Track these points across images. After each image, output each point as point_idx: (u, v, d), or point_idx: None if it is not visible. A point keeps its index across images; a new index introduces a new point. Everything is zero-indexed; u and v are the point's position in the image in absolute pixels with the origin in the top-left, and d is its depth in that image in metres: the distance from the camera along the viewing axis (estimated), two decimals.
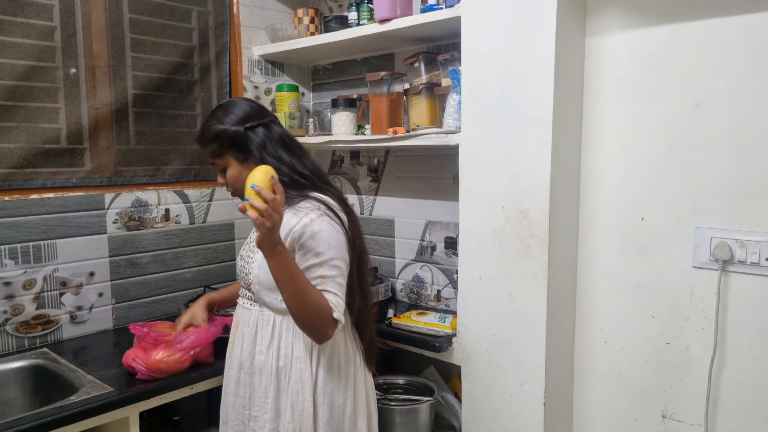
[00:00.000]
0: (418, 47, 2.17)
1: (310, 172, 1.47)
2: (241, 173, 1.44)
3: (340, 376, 1.46)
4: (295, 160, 1.45)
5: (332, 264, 1.37)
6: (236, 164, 1.46)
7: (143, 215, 2.11)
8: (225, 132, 1.43)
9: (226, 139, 1.44)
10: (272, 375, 1.43)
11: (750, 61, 1.44)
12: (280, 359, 1.43)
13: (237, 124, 1.44)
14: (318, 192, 1.45)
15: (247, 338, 1.47)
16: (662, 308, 1.62)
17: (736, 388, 1.52)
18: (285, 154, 1.45)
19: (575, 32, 1.66)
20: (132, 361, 1.60)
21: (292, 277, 1.30)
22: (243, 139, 1.43)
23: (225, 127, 1.44)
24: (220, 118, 1.46)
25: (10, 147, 1.81)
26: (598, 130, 1.70)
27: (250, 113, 1.46)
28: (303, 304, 1.32)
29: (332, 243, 1.37)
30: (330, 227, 1.37)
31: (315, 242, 1.35)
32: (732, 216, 1.49)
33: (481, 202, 1.75)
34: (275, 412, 1.43)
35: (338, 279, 1.38)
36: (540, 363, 1.66)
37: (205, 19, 2.25)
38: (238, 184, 1.47)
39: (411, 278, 2.31)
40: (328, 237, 1.37)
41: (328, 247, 1.36)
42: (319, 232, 1.36)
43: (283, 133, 1.48)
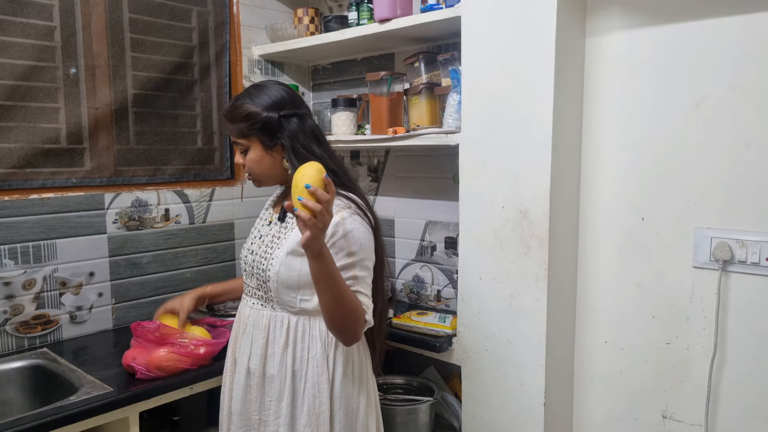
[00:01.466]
0: (418, 47, 2.17)
1: (339, 169, 1.44)
2: (264, 159, 1.42)
3: (354, 379, 1.44)
4: (326, 156, 1.42)
5: (364, 264, 1.35)
6: (260, 149, 1.41)
7: (143, 215, 2.10)
8: (257, 115, 1.39)
9: (257, 122, 1.39)
10: (287, 379, 1.39)
11: (750, 61, 1.44)
12: (296, 362, 1.39)
13: (271, 110, 1.39)
14: (345, 189, 1.42)
15: (258, 341, 1.42)
16: (662, 308, 1.62)
17: (736, 388, 1.52)
18: (317, 148, 1.41)
19: (575, 32, 1.66)
20: (132, 360, 1.60)
21: (333, 279, 1.26)
22: (274, 126, 1.39)
23: (257, 110, 1.39)
24: (253, 99, 1.41)
25: (10, 147, 1.81)
26: (598, 130, 1.70)
27: (286, 100, 1.41)
28: (341, 306, 1.28)
29: (364, 243, 1.35)
30: (361, 227, 1.35)
31: (347, 242, 1.32)
32: (732, 216, 1.49)
33: (481, 202, 1.75)
34: (290, 417, 1.39)
35: (368, 280, 1.37)
36: (540, 363, 1.66)
37: (205, 19, 2.25)
38: (256, 169, 1.44)
39: (411, 278, 2.31)
40: (360, 237, 1.34)
41: (360, 247, 1.34)
42: (351, 231, 1.33)
43: (315, 127, 1.45)
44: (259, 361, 1.42)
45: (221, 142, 2.33)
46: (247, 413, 1.45)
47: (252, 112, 1.39)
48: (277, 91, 1.42)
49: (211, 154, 2.32)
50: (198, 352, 1.66)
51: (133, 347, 1.67)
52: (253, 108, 1.39)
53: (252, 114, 1.39)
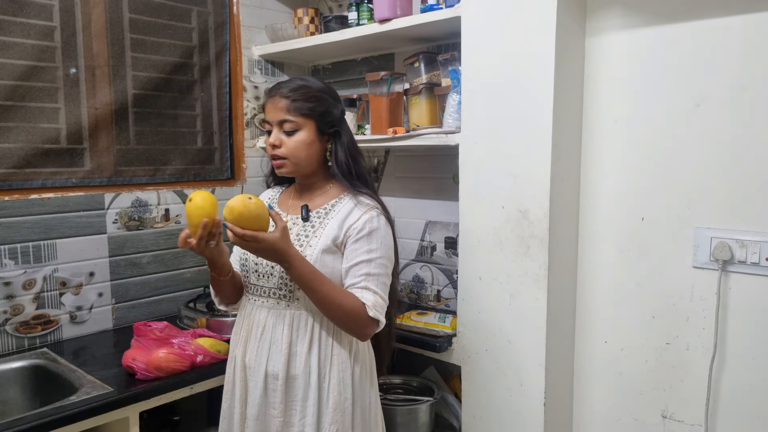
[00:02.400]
0: (418, 47, 2.17)
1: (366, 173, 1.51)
2: (313, 144, 1.41)
3: (368, 374, 1.48)
4: (361, 158, 1.49)
5: (380, 262, 1.39)
6: (314, 133, 1.41)
7: (143, 215, 2.10)
8: (325, 99, 1.42)
9: (322, 106, 1.41)
10: (311, 377, 1.38)
11: (750, 61, 1.44)
12: (321, 360, 1.39)
13: (337, 101, 1.46)
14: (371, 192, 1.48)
15: (278, 342, 1.40)
16: (662, 308, 1.62)
17: (736, 388, 1.52)
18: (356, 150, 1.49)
19: (575, 32, 1.66)
20: (131, 361, 1.60)
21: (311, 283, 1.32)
22: (336, 117, 1.44)
23: (324, 95, 1.42)
24: (318, 85, 1.43)
25: (10, 147, 1.81)
26: (598, 130, 1.70)
27: (339, 98, 1.49)
28: (329, 307, 1.34)
29: (385, 242, 1.40)
30: (386, 227, 1.41)
31: (370, 239, 1.38)
32: (732, 216, 1.49)
33: (481, 202, 1.75)
34: (316, 416, 1.38)
35: (383, 278, 1.39)
36: (540, 363, 1.66)
37: (205, 19, 2.25)
38: (302, 152, 1.40)
39: (411, 278, 2.31)
40: (383, 236, 1.40)
41: (380, 245, 1.39)
42: (377, 230, 1.39)
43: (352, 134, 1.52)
44: (281, 363, 1.39)
45: (221, 142, 2.33)
46: (265, 417, 1.42)
47: (319, 95, 1.41)
48: (331, 88, 1.49)
49: (211, 154, 2.32)
50: (196, 359, 1.67)
51: (133, 347, 1.67)
52: (320, 93, 1.42)
53: (319, 96, 1.41)
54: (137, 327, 1.78)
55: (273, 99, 1.41)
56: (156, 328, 1.76)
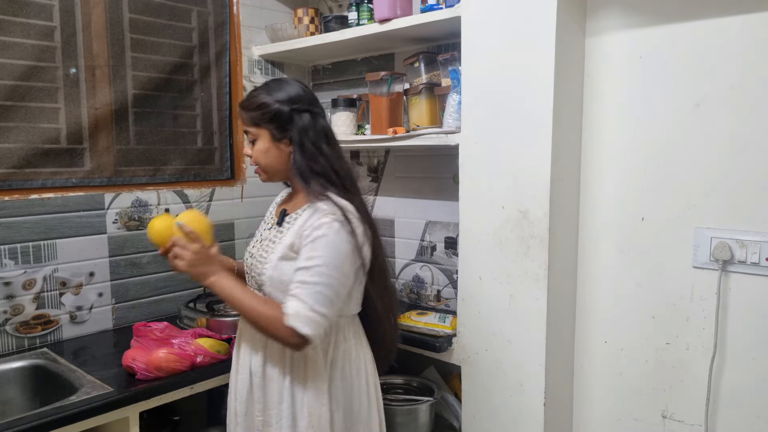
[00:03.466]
0: (418, 47, 2.17)
1: (345, 173, 1.45)
2: (270, 150, 1.44)
3: (353, 379, 1.46)
4: (333, 156, 1.44)
5: (319, 270, 1.31)
6: (268, 140, 1.44)
7: (143, 215, 2.10)
8: (270, 105, 1.42)
9: (269, 112, 1.42)
10: (285, 380, 1.40)
11: (750, 61, 1.44)
12: (294, 364, 1.40)
13: (284, 102, 1.42)
14: (344, 194, 1.42)
15: (257, 342, 1.44)
16: (662, 308, 1.62)
17: (736, 388, 1.52)
18: (326, 147, 1.43)
19: (575, 32, 1.66)
20: (131, 361, 1.60)
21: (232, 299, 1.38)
22: (285, 118, 1.42)
23: (271, 101, 1.42)
24: (270, 91, 1.44)
25: (10, 147, 1.81)
26: (598, 131, 1.70)
27: (301, 96, 1.44)
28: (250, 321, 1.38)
29: (330, 251, 1.33)
30: (336, 235, 1.33)
31: (314, 246, 1.33)
32: (732, 216, 1.49)
33: (481, 202, 1.75)
34: (291, 419, 1.39)
35: (319, 287, 1.31)
36: (540, 363, 1.66)
37: (205, 19, 2.25)
38: (262, 160, 1.46)
39: (411, 278, 2.31)
40: (329, 244, 1.33)
41: (323, 253, 1.32)
42: (322, 237, 1.33)
43: (327, 127, 1.47)
44: (259, 362, 1.43)
45: (221, 142, 2.34)
46: (251, 414, 1.45)
47: (265, 101, 1.43)
48: (294, 87, 1.46)
49: (211, 154, 2.32)
50: (196, 359, 1.67)
51: (133, 347, 1.67)
52: (268, 98, 1.43)
53: (265, 103, 1.42)
54: (137, 327, 1.78)
55: (239, 112, 1.50)
56: (156, 329, 1.76)
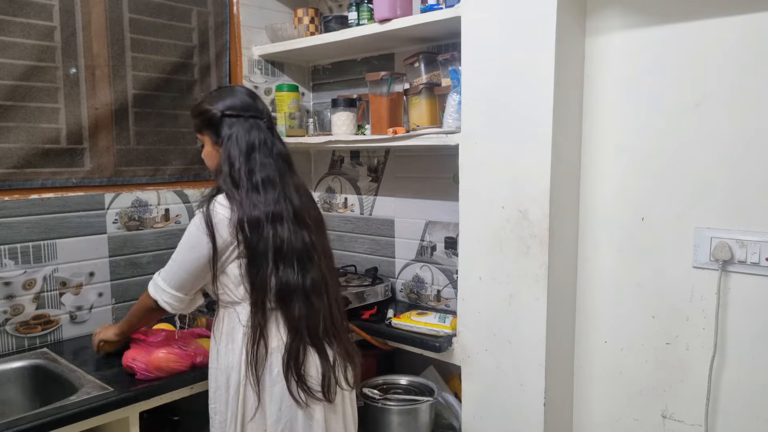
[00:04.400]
0: (418, 47, 2.16)
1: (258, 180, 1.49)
2: (211, 154, 1.58)
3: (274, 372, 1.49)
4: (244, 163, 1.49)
5: (177, 251, 1.53)
6: (210, 144, 1.57)
7: (143, 215, 2.10)
8: (207, 112, 1.55)
9: (205, 119, 1.55)
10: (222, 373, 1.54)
11: (750, 61, 1.44)
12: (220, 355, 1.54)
13: (217, 109, 1.53)
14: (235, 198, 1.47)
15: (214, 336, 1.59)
16: (662, 308, 1.62)
17: (736, 388, 1.52)
18: (241, 154, 1.50)
19: (575, 32, 1.66)
20: (131, 361, 1.60)
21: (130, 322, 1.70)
22: (216, 123, 1.53)
23: (208, 108, 1.55)
24: (211, 98, 1.57)
25: (10, 147, 1.81)
26: (598, 130, 1.70)
27: (236, 104, 1.54)
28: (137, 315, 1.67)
29: (185, 236, 1.52)
30: (193, 224, 1.50)
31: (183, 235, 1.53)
32: (732, 216, 1.49)
33: (481, 202, 1.75)
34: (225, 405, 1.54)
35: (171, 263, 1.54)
36: (540, 363, 1.66)
37: (205, 19, 2.25)
38: (208, 162, 1.60)
39: (411, 278, 2.31)
40: (187, 230, 1.52)
41: (183, 237, 1.53)
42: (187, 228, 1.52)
43: (257, 135, 1.52)
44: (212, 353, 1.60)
45: None
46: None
47: (203, 109, 1.56)
48: (235, 95, 1.56)
49: None
50: (196, 359, 1.68)
51: (133, 347, 1.67)
52: (206, 105, 1.56)
53: (202, 111, 1.56)
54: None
55: None
56: (156, 329, 1.76)
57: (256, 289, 1.46)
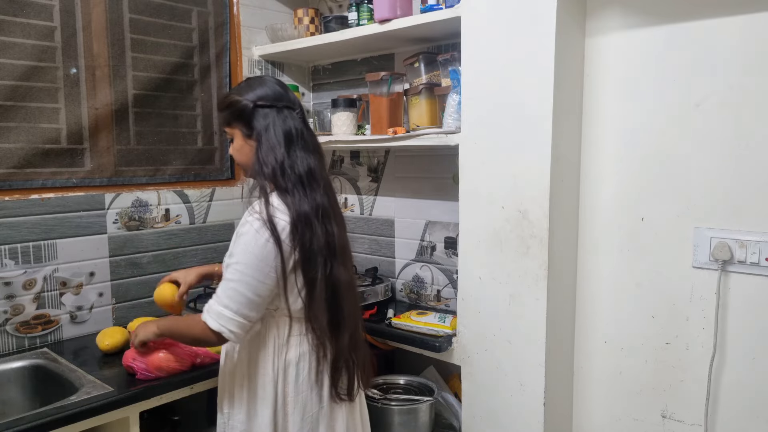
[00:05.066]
0: (418, 47, 2.17)
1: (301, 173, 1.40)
2: (243, 148, 1.46)
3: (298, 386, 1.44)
4: (286, 156, 1.40)
5: (235, 268, 1.34)
6: (241, 137, 1.46)
7: (143, 215, 2.11)
8: (237, 103, 1.44)
9: (236, 110, 1.44)
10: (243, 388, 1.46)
11: (750, 61, 1.44)
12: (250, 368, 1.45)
13: (250, 100, 1.43)
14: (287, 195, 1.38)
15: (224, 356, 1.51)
16: (662, 308, 1.62)
17: (736, 388, 1.52)
18: (281, 146, 1.41)
19: (575, 32, 1.66)
20: (131, 361, 1.60)
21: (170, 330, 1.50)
22: (249, 115, 1.43)
23: (238, 98, 1.44)
24: (240, 89, 1.47)
25: (10, 147, 1.81)
26: (598, 130, 1.70)
27: (268, 94, 1.44)
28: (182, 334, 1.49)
29: (247, 249, 1.34)
30: (255, 234, 1.33)
31: (235, 244, 1.37)
32: (732, 216, 1.50)
33: (481, 202, 1.75)
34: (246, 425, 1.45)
35: (233, 284, 1.34)
36: (540, 363, 1.66)
37: (205, 20, 2.25)
38: (237, 158, 1.49)
39: (411, 278, 2.31)
40: (247, 243, 1.34)
41: (241, 251, 1.34)
42: (242, 235, 1.35)
43: (293, 126, 1.43)
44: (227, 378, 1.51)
45: (221, 143, 2.34)
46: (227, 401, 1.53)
47: (233, 100, 1.45)
48: (266, 85, 1.46)
49: (212, 154, 2.32)
50: (196, 360, 1.68)
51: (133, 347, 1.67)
52: (236, 97, 1.45)
53: (233, 102, 1.45)
54: None
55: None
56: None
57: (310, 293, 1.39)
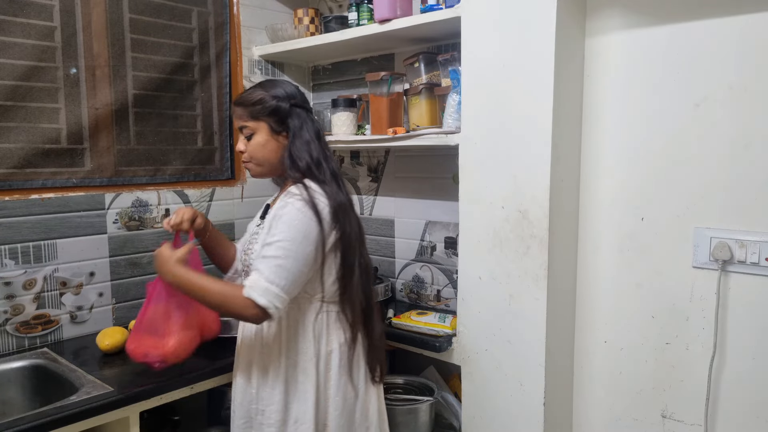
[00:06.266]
0: (418, 47, 2.17)
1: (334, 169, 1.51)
2: (268, 143, 1.50)
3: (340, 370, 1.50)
4: (320, 153, 1.50)
5: (280, 246, 1.37)
6: (267, 132, 1.50)
7: (143, 215, 2.11)
8: (268, 100, 1.49)
9: (268, 106, 1.49)
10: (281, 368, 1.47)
11: (750, 61, 1.44)
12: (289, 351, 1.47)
13: (283, 99, 1.50)
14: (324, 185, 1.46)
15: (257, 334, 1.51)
16: (662, 308, 1.62)
17: (736, 388, 1.52)
18: (315, 143, 1.50)
19: (575, 32, 1.66)
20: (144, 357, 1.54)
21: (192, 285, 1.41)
22: (285, 113, 1.50)
23: (270, 95, 1.50)
24: (267, 88, 1.52)
25: (10, 147, 1.81)
26: (598, 130, 1.70)
27: (297, 95, 1.54)
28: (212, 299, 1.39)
29: (291, 226, 1.37)
30: (298, 213, 1.38)
31: (276, 223, 1.39)
32: (732, 216, 1.50)
33: (481, 202, 1.75)
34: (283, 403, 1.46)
35: (279, 261, 1.36)
36: (540, 363, 1.66)
37: (205, 20, 2.25)
38: (259, 153, 1.51)
39: (411, 278, 2.31)
40: (290, 220, 1.38)
41: (284, 229, 1.37)
42: (284, 215, 1.39)
43: (319, 126, 1.56)
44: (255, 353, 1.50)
45: (221, 143, 2.34)
46: (246, 404, 1.52)
47: (264, 96, 1.50)
48: (290, 86, 1.56)
49: (212, 154, 2.32)
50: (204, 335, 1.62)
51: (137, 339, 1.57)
52: (265, 94, 1.50)
53: (264, 98, 1.50)
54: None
55: (234, 109, 1.54)
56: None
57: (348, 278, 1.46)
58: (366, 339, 1.54)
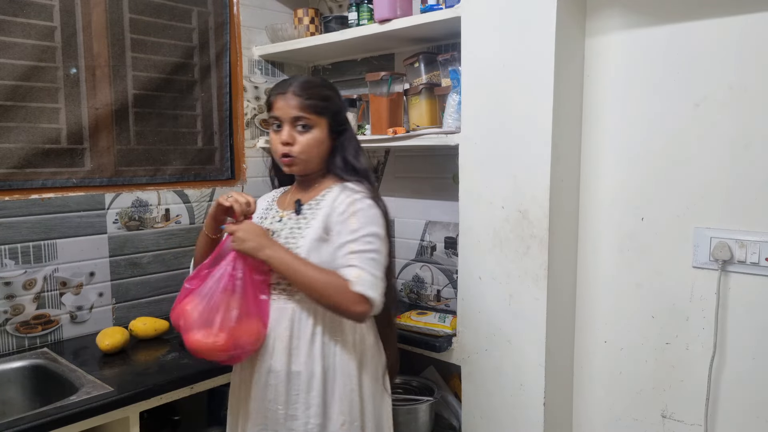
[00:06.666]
0: (418, 47, 2.17)
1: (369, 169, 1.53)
2: (325, 141, 1.44)
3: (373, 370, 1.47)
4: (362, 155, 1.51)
5: (366, 240, 1.34)
6: (326, 130, 1.44)
7: (143, 215, 2.11)
8: (336, 99, 1.48)
9: (335, 105, 1.46)
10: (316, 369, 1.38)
11: (750, 61, 1.44)
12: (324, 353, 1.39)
13: (344, 103, 1.53)
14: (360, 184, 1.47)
15: (281, 339, 1.38)
16: (662, 308, 1.62)
17: (736, 388, 1.52)
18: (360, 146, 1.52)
19: (575, 32, 1.66)
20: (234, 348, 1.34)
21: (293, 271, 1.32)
22: (344, 117, 1.49)
23: (337, 95, 1.49)
24: (330, 87, 1.50)
25: (10, 147, 1.81)
26: (598, 130, 1.70)
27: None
28: (312, 290, 1.32)
29: (371, 221, 1.37)
30: (371, 208, 1.39)
31: (354, 218, 1.36)
32: (732, 216, 1.50)
33: (481, 202, 1.75)
34: (322, 407, 1.38)
35: (370, 254, 1.34)
36: (540, 363, 1.66)
37: (205, 20, 2.25)
38: (313, 149, 1.42)
39: (411, 278, 2.31)
40: (368, 215, 1.37)
41: (365, 223, 1.36)
42: (360, 210, 1.37)
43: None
44: (283, 358, 1.38)
45: (221, 143, 2.34)
46: (266, 411, 1.40)
47: (331, 95, 1.47)
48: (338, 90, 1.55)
49: (212, 154, 2.32)
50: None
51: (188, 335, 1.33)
52: (332, 93, 1.48)
53: (333, 97, 1.47)
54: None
55: (284, 96, 1.41)
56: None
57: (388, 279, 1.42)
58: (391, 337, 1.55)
